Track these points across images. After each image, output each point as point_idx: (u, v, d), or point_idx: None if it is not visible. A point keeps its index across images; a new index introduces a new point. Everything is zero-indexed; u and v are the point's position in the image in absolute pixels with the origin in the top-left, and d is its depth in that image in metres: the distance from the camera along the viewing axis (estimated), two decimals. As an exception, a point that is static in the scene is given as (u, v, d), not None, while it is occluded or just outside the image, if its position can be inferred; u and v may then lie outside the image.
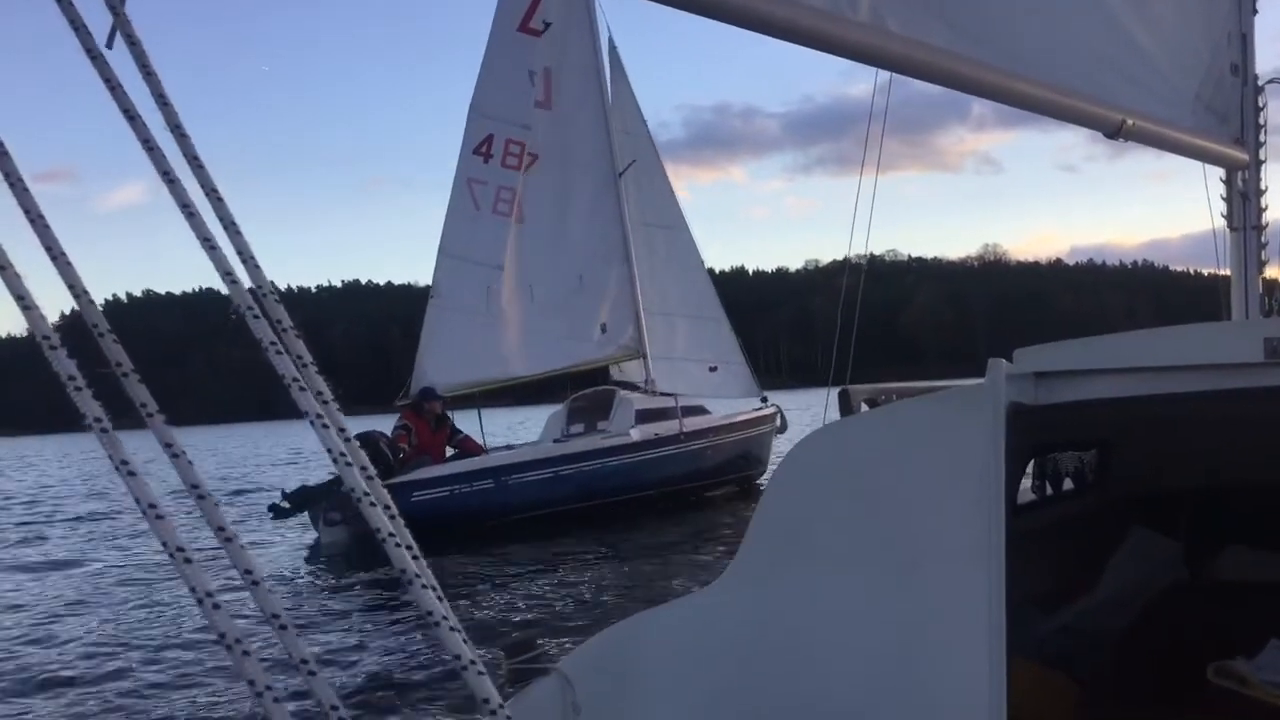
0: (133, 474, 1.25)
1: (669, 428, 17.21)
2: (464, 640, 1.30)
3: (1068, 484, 3.20)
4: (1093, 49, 2.92)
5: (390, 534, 1.36)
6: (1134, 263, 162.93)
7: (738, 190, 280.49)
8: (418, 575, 1.33)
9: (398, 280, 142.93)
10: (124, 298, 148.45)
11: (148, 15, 1.47)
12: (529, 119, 17.54)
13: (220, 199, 1.46)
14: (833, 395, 2.87)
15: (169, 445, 1.32)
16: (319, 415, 1.41)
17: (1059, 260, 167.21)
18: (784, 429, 19.64)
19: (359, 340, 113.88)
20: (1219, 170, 3.58)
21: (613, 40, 19.08)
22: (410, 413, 15.74)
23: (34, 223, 1.33)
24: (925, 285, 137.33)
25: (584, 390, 18.51)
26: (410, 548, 1.37)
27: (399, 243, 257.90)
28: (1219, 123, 3.31)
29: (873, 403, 2.66)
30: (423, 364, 17.23)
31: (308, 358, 1.44)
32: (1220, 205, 3.67)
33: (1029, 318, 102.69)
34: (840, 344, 3.70)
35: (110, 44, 1.43)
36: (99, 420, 1.24)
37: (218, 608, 1.23)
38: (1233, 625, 2.67)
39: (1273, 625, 2.57)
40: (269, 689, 1.23)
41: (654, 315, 18.59)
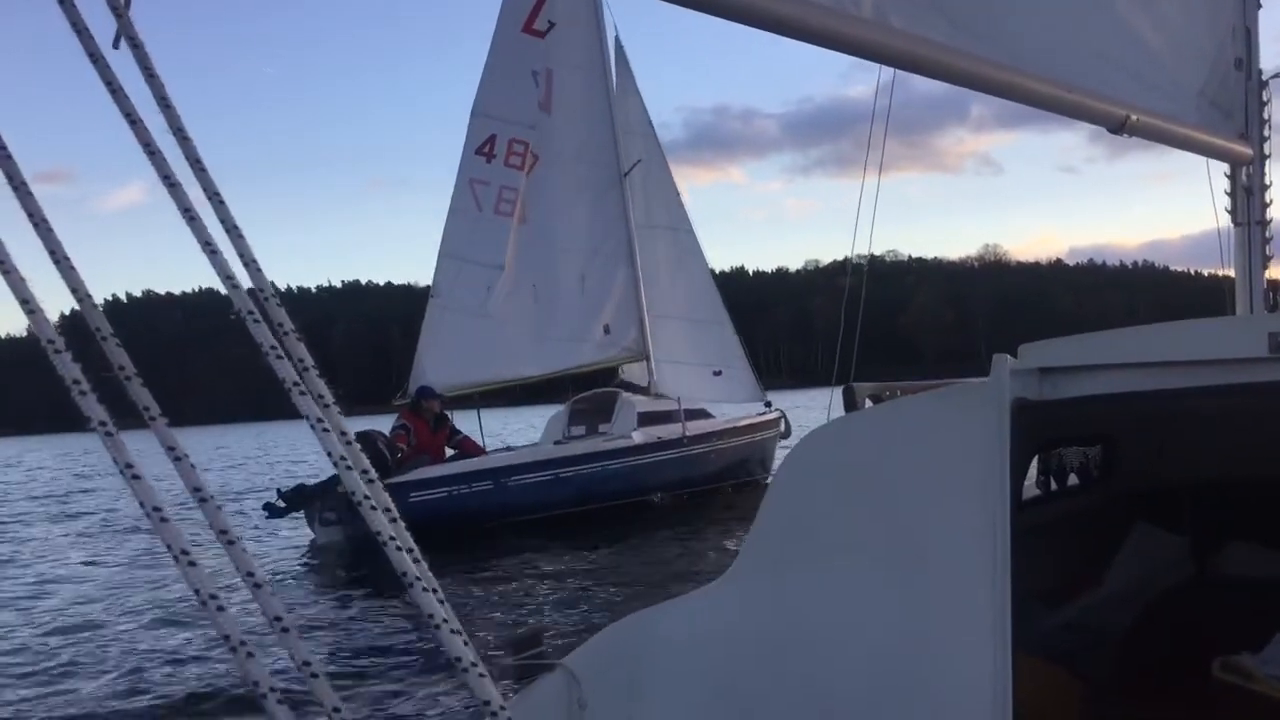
0: (137, 477, 1.26)
1: (671, 431, 17.11)
2: (465, 642, 1.31)
3: (1072, 479, 3.21)
4: (1096, 44, 2.93)
5: (390, 537, 1.37)
6: (1134, 263, 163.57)
7: (737, 191, 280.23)
8: (418, 578, 1.34)
9: (398, 280, 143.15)
10: (124, 298, 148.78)
11: (146, 16, 1.48)
12: (532, 119, 17.51)
13: (222, 202, 1.46)
14: (836, 393, 2.88)
15: (171, 448, 1.34)
16: (319, 420, 1.42)
17: (1059, 261, 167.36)
18: (788, 434, 19.48)
19: (359, 340, 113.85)
20: (1223, 166, 3.60)
21: (619, 39, 19.06)
22: (409, 412, 15.62)
23: (37, 226, 1.35)
24: (925, 286, 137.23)
25: (586, 392, 18.41)
26: (411, 550, 1.38)
27: (400, 243, 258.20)
28: (1223, 118, 3.32)
29: (877, 399, 2.67)
30: (421, 364, 17.19)
31: (309, 361, 1.45)
32: (1224, 201, 3.69)
33: (1029, 318, 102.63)
34: (844, 343, 3.72)
35: (116, 46, 1.44)
36: (104, 424, 1.26)
37: (222, 610, 1.24)
38: (1238, 620, 2.68)
39: (1278, 620, 2.58)
40: (272, 690, 1.25)
41: (657, 318, 18.51)
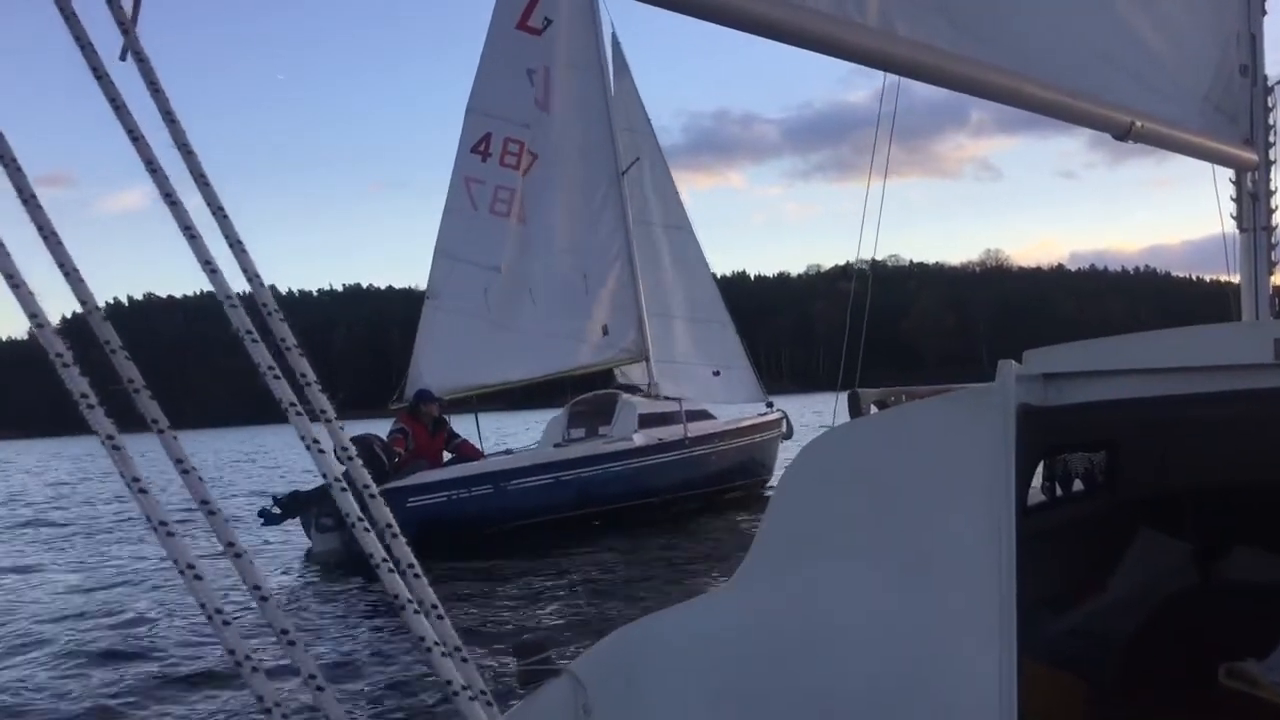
0: (144, 491, 1.28)
1: (673, 433, 16.99)
2: (455, 666, 1.33)
3: (1077, 485, 3.23)
4: (1101, 51, 2.96)
5: (384, 559, 1.38)
6: (1136, 268, 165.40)
7: (737, 195, 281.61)
8: (410, 600, 1.34)
9: (399, 284, 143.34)
10: (124, 301, 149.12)
11: (144, 21, 1.49)
12: (528, 118, 17.44)
13: (226, 217, 1.48)
14: (841, 398, 2.91)
15: (179, 461, 1.35)
16: (315, 441, 1.42)
17: (1060, 266, 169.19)
18: (790, 435, 19.46)
19: (360, 344, 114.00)
20: (1228, 172, 3.63)
21: (616, 36, 19.03)
22: (407, 416, 15.49)
23: (47, 239, 1.36)
24: (926, 290, 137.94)
25: (585, 394, 18.31)
26: (411, 566, 1.39)
27: (400, 246, 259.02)
28: (1229, 124, 3.35)
29: (882, 405, 2.69)
30: (418, 366, 17.07)
31: (310, 376, 1.45)
32: (1229, 207, 3.71)
33: (1031, 323, 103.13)
34: (849, 348, 3.75)
35: (123, 58, 1.46)
36: (110, 438, 1.27)
37: (227, 624, 1.26)
38: (1243, 627, 2.69)
39: None
40: (277, 705, 1.27)
41: (657, 318, 18.43)
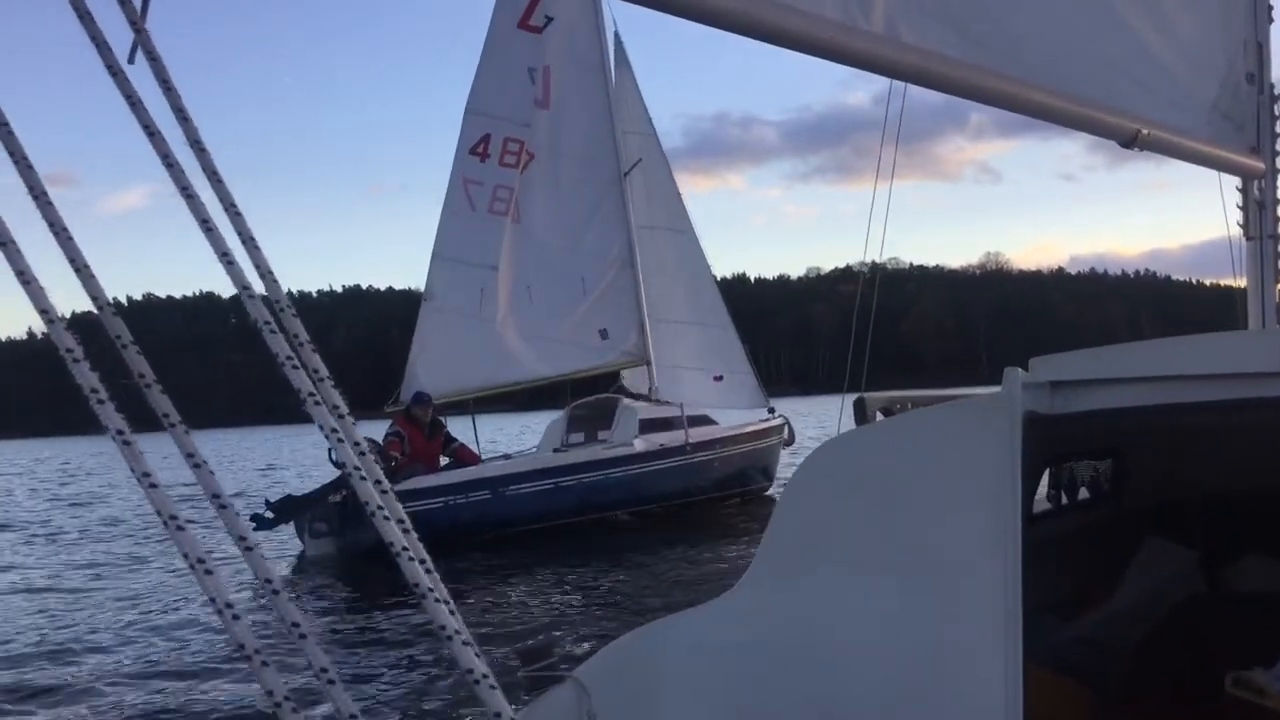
0: (154, 486, 1.31)
1: (674, 438, 16.92)
2: (476, 654, 1.36)
3: (1083, 493, 3.25)
4: (1108, 59, 2.99)
5: (404, 548, 1.42)
6: (1136, 272, 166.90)
7: (737, 198, 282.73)
8: (430, 589, 1.37)
9: (398, 285, 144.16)
10: (124, 301, 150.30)
11: (153, 23, 1.53)
12: (528, 117, 17.43)
13: (239, 213, 1.51)
14: (847, 403, 2.94)
15: (190, 455, 1.38)
16: (334, 430, 1.47)
17: (1060, 269, 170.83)
18: (791, 441, 19.45)
19: (360, 344, 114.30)
20: (1235, 179, 3.66)
21: (619, 35, 18.99)
22: (403, 419, 15.36)
23: (58, 235, 1.39)
24: (926, 293, 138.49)
25: (584, 398, 18.21)
26: (423, 561, 1.43)
27: (400, 248, 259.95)
28: (1236, 132, 3.38)
29: (888, 411, 2.72)
30: (414, 369, 17.02)
31: (324, 371, 1.49)
32: (1235, 214, 3.75)
33: (1030, 327, 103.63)
34: (854, 352, 3.79)
35: (132, 60, 1.49)
36: (121, 433, 1.30)
37: (237, 618, 1.28)
38: (1250, 635, 2.71)
39: None
40: (287, 699, 1.30)
41: (658, 321, 18.39)
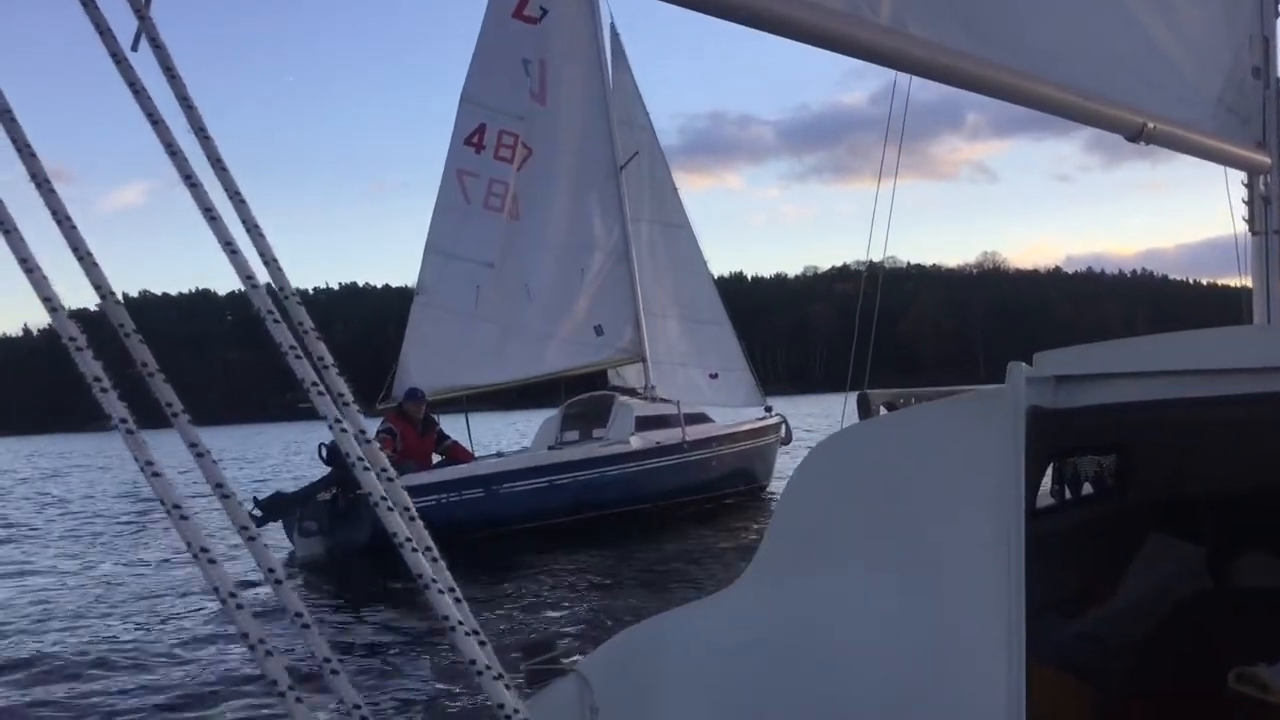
0: (157, 475, 1.33)
1: (671, 436, 16.90)
2: (480, 646, 1.38)
3: (1087, 489, 3.28)
4: (1114, 52, 3.01)
5: (407, 538, 1.44)
6: (1133, 271, 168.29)
7: (734, 197, 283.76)
8: (434, 580, 1.39)
9: (395, 283, 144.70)
10: (120, 298, 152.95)
11: (157, 15, 1.54)
12: (523, 110, 17.40)
13: (243, 201, 1.54)
14: (851, 399, 2.97)
15: (194, 445, 1.41)
16: (338, 419, 1.49)
17: (1057, 269, 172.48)
18: (788, 440, 19.45)
19: (357, 340, 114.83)
20: (1240, 174, 3.69)
21: (615, 27, 18.96)
22: (395, 416, 15.33)
23: (61, 224, 1.42)
24: (924, 292, 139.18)
25: (579, 395, 18.19)
26: (429, 549, 1.45)
27: (398, 246, 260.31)
28: (1241, 126, 3.40)
29: (891, 406, 2.74)
30: (407, 365, 17.00)
31: (329, 359, 1.51)
32: (1241, 209, 3.77)
33: (1028, 326, 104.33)
34: (857, 350, 3.83)
35: (135, 47, 1.51)
36: (124, 421, 1.32)
37: (241, 608, 1.30)
38: (1254, 631, 2.74)
39: None
40: (291, 689, 1.32)
41: (654, 317, 18.33)
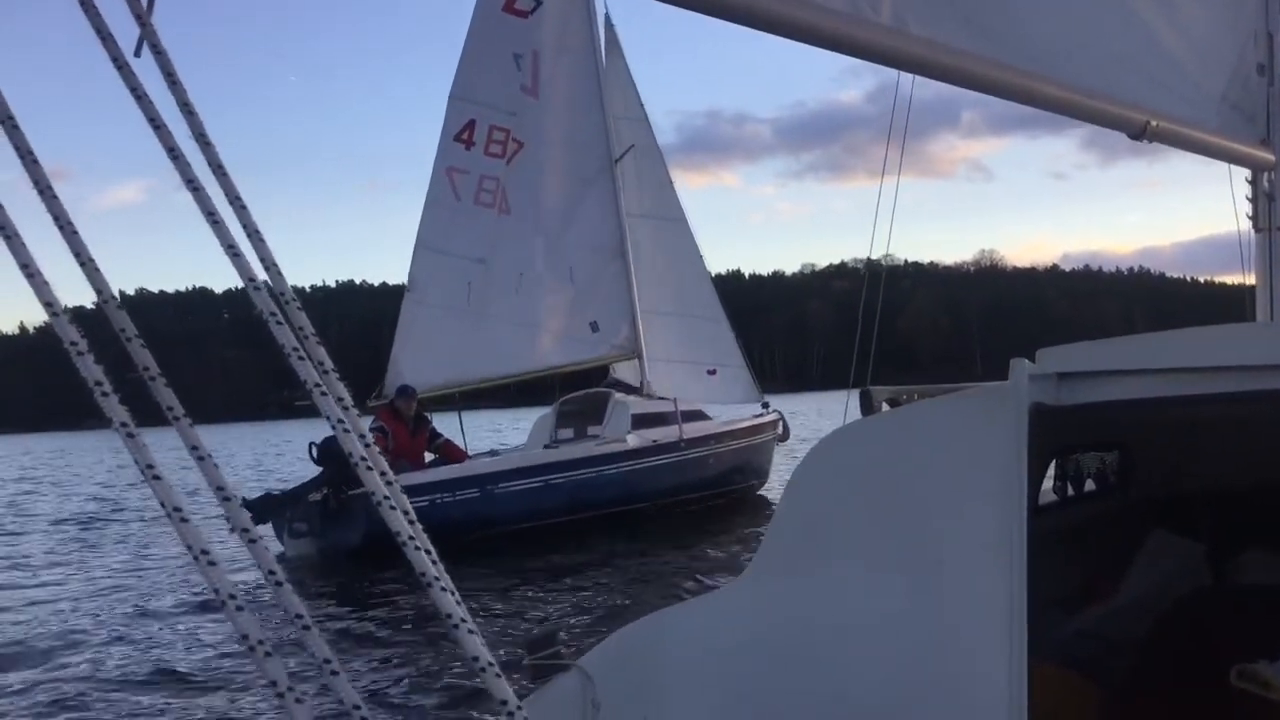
0: (158, 478, 1.35)
1: (668, 434, 16.83)
2: (482, 643, 1.41)
3: (1089, 485, 3.30)
4: (1117, 50, 3.04)
5: (410, 537, 1.47)
6: (1130, 269, 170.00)
7: (731, 195, 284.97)
8: (436, 578, 1.42)
9: (392, 281, 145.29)
10: (117, 295, 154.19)
11: (157, 19, 1.57)
12: (514, 105, 17.32)
13: (244, 206, 1.57)
14: (851, 398, 3.00)
15: (195, 448, 1.43)
16: (340, 420, 1.52)
17: (1054, 266, 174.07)
18: (786, 437, 19.45)
19: (353, 340, 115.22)
20: (1244, 171, 3.72)
21: (610, 18, 18.95)
22: (387, 413, 15.22)
23: (63, 229, 1.44)
24: (921, 290, 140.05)
25: (574, 392, 18.10)
26: (429, 551, 1.48)
27: (394, 244, 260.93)
28: (1245, 123, 3.43)
29: (894, 403, 2.77)
30: (398, 363, 16.95)
31: (329, 364, 1.55)
32: (1245, 206, 3.80)
33: (1025, 324, 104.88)
34: (860, 346, 3.87)
35: (138, 53, 1.54)
36: (124, 425, 1.35)
37: (241, 609, 1.33)
38: (1256, 628, 2.76)
39: None
40: (290, 690, 1.34)
41: (649, 314, 18.24)
